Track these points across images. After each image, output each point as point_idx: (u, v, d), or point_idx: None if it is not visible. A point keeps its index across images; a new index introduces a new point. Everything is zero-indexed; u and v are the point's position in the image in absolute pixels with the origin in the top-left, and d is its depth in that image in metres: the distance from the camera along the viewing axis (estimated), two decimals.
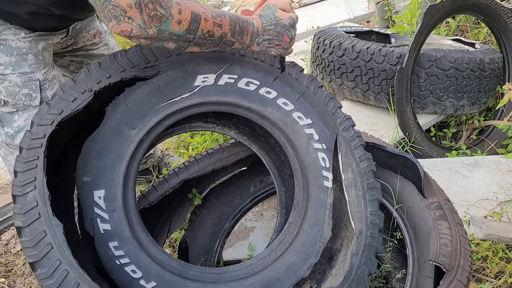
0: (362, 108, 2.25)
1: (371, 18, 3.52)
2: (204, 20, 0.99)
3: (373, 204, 1.22)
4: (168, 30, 0.95)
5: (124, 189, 1.13)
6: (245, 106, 1.25)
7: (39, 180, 0.98)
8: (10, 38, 1.17)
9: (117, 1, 0.88)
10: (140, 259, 1.08)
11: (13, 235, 2.03)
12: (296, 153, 1.27)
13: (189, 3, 0.97)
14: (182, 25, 0.96)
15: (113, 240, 1.08)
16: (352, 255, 1.15)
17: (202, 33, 1.00)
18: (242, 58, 1.26)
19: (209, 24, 1.00)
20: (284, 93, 1.26)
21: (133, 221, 1.12)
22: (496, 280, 1.45)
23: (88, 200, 1.10)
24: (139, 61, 1.17)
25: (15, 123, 1.22)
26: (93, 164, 1.11)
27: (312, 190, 1.25)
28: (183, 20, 0.95)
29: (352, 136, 1.27)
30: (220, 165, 1.58)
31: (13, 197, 0.98)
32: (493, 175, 1.77)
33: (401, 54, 1.99)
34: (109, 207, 1.10)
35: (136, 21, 0.91)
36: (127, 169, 1.14)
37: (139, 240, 1.11)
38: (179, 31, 0.96)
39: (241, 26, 1.09)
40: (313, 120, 1.26)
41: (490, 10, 2.22)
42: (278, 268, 1.18)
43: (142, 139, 1.16)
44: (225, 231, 1.65)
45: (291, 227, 1.25)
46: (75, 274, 0.92)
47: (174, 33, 0.96)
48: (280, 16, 1.16)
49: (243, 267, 1.19)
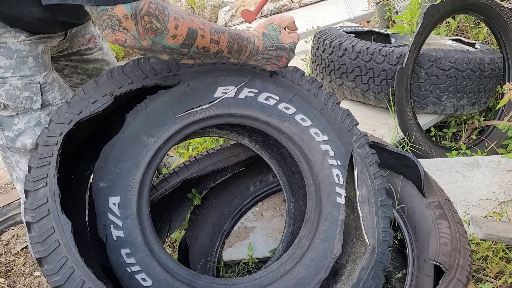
0: (362, 108, 2.25)
1: (371, 18, 3.52)
2: (201, 36, 0.99)
3: (384, 221, 1.23)
4: (162, 43, 0.95)
5: (139, 196, 1.13)
6: (263, 120, 1.27)
7: (50, 177, 1.00)
8: (10, 41, 1.16)
9: (113, 11, 0.88)
10: (151, 267, 1.09)
11: (13, 235, 2.03)
12: (310, 168, 1.28)
13: (188, 18, 0.98)
14: (176, 40, 0.96)
15: (125, 247, 1.08)
16: (361, 269, 1.16)
17: (197, 49, 1.01)
18: (263, 72, 1.28)
19: (205, 41, 1.01)
20: (303, 109, 1.28)
21: (145, 228, 1.13)
22: (496, 280, 1.45)
23: (103, 206, 1.11)
24: (162, 69, 1.18)
25: (15, 127, 1.22)
26: (110, 170, 1.12)
27: (325, 206, 1.26)
28: (179, 35, 0.96)
29: (368, 153, 1.28)
30: (221, 166, 1.58)
31: (25, 192, 0.99)
32: (493, 175, 1.77)
33: (401, 54, 1.99)
34: (123, 214, 1.11)
35: (131, 32, 0.91)
36: (143, 177, 1.15)
37: (151, 248, 1.11)
38: (173, 44, 0.96)
39: (240, 44, 1.09)
40: (329, 137, 1.28)
41: (490, 10, 2.22)
42: (287, 282, 1.18)
43: (160, 147, 1.17)
44: (225, 231, 1.65)
45: (302, 241, 1.26)
46: (80, 272, 0.93)
47: (168, 46, 0.96)
48: (283, 40, 1.16)
49: (252, 279, 1.20)
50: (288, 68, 1.29)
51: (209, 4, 4.63)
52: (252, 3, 3.93)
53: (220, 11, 4.13)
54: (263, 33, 1.15)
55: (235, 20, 3.93)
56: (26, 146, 1.23)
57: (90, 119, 1.12)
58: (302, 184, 1.33)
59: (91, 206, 1.12)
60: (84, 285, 0.92)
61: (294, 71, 1.30)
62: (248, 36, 1.11)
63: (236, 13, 3.95)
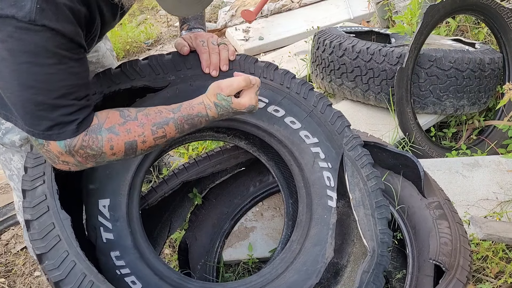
0: (362, 108, 2.25)
1: (371, 18, 3.52)
2: (142, 143, 0.96)
3: (382, 223, 1.21)
4: (105, 160, 0.95)
5: (128, 198, 1.14)
6: (253, 123, 1.26)
7: (47, 174, 1.00)
8: None
9: (49, 147, 0.89)
10: (140, 270, 1.09)
11: (13, 235, 2.03)
12: (301, 171, 1.28)
13: (123, 132, 0.94)
14: (117, 155, 0.96)
15: (115, 249, 1.09)
16: (363, 273, 1.15)
17: (143, 151, 0.99)
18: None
19: (148, 143, 0.98)
20: (292, 112, 1.27)
21: (135, 231, 1.13)
22: (496, 280, 1.45)
23: (93, 209, 1.11)
24: (150, 72, 1.18)
25: (3, 126, 1.21)
26: (100, 172, 1.12)
27: (316, 209, 1.25)
28: (117, 152, 0.95)
29: (359, 154, 1.25)
30: (220, 168, 1.58)
31: (23, 191, 1.00)
32: (493, 175, 1.77)
33: (401, 54, 1.99)
34: (113, 217, 1.11)
35: (71, 163, 0.93)
36: (133, 179, 1.15)
37: (141, 250, 1.11)
38: (117, 158, 0.96)
39: (191, 123, 1.03)
40: (320, 139, 1.27)
41: (490, 10, 2.22)
42: (278, 286, 1.17)
43: None
44: (225, 231, 1.65)
45: (293, 245, 1.25)
46: (82, 265, 0.93)
47: (113, 160, 0.97)
48: (237, 107, 1.06)
49: (243, 283, 1.19)
50: (277, 71, 1.28)
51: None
52: (252, 3, 3.92)
53: (220, 11, 4.13)
54: (215, 103, 1.04)
55: (235, 20, 3.92)
56: (15, 143, 1.23)
57: None
58: None
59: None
60: (86, 278, 0.92)
61: (283, 74, 1.29)
62: (199, 111, 1.03)
63: (236, 13, 3.94)
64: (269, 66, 1.28)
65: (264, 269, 1.24)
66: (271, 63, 1.30)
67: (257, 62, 1.28)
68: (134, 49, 3.91)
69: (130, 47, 3.89)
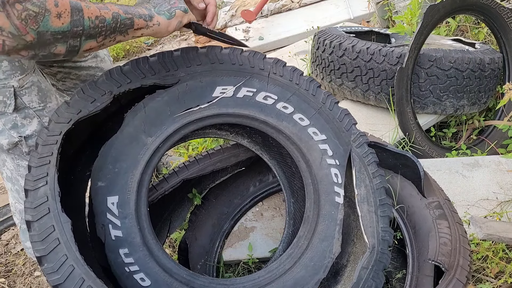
0: (362, 108, 2.25)
1: (371, 18, 3.52)
2: (86, 7, 0.85)
3: (384, 221, 1.22)
4: (50, 29, 0.81)
5: (137, 195, 1.13)
6: (262, 120, 1.27)
7: (51, 176, 1.00)
8: None
9: None
10: (149, 267, 1.08)
11: (13, 235, 2.03)
12: (309, 168, 1.28)
13: None
14: (63, 19, 0.81)
15: (124, 247, 1.08)
16: (361, 269, 1.16)
17: (91, 21, 0.87)
18: (261, 72, 1.28)
19: (93, 9, 0.87)
20: (301, 109, 1.28)
21: (144, 228, 1.13)
22: (496, 280, 1.45)
23: (102, 206, 1.11)
24: (160, 69, 1.18)
25: None
26: (109, 169, 1.13)
27: (323, 205, 1.26)
28: (63, 12, 0.81)
29: (366, 152, 1.28)
30: (220, 166, 1.58)
31: (25, 191, 0.99)
32: (493, 175, 1.77)
33: (401, 54, 1.98)
34: (121, 214, 1.11)
35: (6, 29, 0.77)
36: (142, 176, 1.15)
37: (149, 247, 1.11)
38: (63, 26, 0.82)
39: (128, 6, 0.98)
40: (328, 136, 1.28)
41: (490, 10, 2.22)
42: (285, 282, 1.18)
43: (158, 146, 1.17)
44: (225, 231, 1.65)
45: (300, 241, 1.25)
46: (80, 270, 0.93)
47: (58, 31, 0.82)
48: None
49: (251, 279, 1.19)
50: (286, 67, 1.29)
51: None
52: (252, 3, 3.92)
53: (220, 11, 4.13)
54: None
55: (235, 20, 3.92)
56: (3, 146, 1.22)
57: (90, 120, 1.12)
58: (302, 185, 1.33)
59: (90, 206, 1.12)
60: (84, 283, 0.92)
61: (292, 70, 1.30)
62: (139, 10, 1.03)
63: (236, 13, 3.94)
64: (278, 62, 1.30)
65: (271, 264, 1.24)
66: (280, 60, 1.31)
67: (265, 58, 1.29)
68: (134, 49, 3.92)
69: (130, 47, 3.90)
